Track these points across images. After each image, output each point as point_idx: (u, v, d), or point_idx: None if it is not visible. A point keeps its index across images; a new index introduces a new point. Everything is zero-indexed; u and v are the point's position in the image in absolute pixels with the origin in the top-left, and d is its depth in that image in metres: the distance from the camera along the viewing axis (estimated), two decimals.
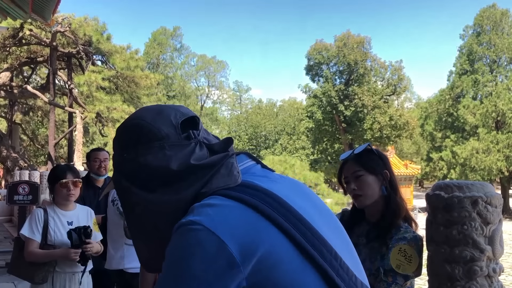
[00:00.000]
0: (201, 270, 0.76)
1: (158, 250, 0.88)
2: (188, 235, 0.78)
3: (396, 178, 1.82)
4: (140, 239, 0.94)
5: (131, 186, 0.90)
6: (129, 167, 0.91)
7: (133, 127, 0.94)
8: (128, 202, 0.93)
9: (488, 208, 1.56)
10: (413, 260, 1.61)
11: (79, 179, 2.96)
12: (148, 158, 0.89)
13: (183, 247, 0.78)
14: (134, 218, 0.93)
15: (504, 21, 32.16)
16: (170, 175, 0.88)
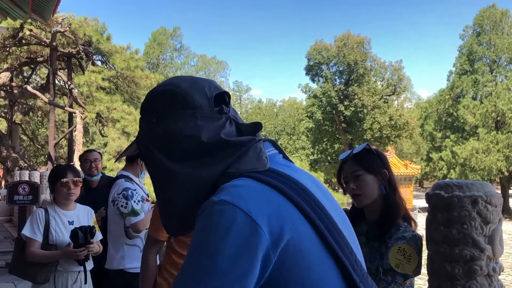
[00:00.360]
0: (234, 250, 0.75)
1: (172, 211, 0.91)
2: (222, 214, 0.77)
3: (395, 178, 1.82)
4: (162, 198, 0.94)
5: (156, 151, 0.91)
6: (158, 133, 0.91)
7: (167, 93, 0.93)
8: (151, 165, 0.94)
9: (488, 207, 1.56)
10: (412, 259, 1.61)
11: (79, 178, 2.97)
12: (179, 125, 0.89)
13: (217, 226, 0.77)
14: (156, 180, 0.94)
15: (504, 21, 32.17)
16: (199, 147, 0.88)
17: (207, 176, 0.88)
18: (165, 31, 47.60)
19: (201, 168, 0.88)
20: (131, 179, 3.22)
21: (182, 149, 0.89)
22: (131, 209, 3.02)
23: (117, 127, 17.84)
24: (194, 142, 0.88)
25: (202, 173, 0.88)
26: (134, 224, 3.02)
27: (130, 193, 3.07)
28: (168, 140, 0.90)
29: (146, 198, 3.24)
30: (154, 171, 0.93)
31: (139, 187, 3.21)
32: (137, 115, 17.94)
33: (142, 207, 3.10)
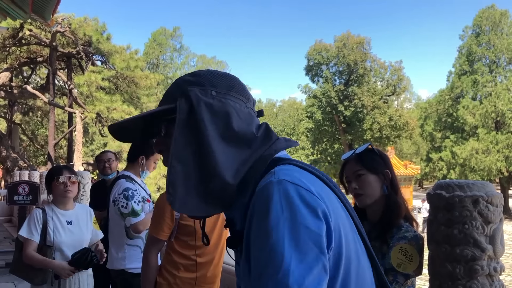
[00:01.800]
0: (310, 226, 0.78)
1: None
2: (288, 191, 0.80)
3: (397, 178, 1.83)
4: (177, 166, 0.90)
5: (205, 119, 0.90)
6: (214, 104, 0.92)
7: (230, 76, 0.99)
8: (187, 130, 0.91)
9: (489, 207, 1.56)
10: (413, 259, 1.61)
11: (75, 176, 2.96)
12: (236, 107, 0.95)
13: (288, 202, 0.79)
14: (183, 148, 0.90)
15: (503, 22, 32.20)
16: (244, 133, 0.93)
17: (241, 163, 0.91)
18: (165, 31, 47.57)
19: (237, 154, 0.91)
20: (132, 179, 3.22)
21: (232, 130, 0.92)
22: (131, 209, 3.02)
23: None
24: (241, 129, 0.93)
25: (237, 159, 0.91)
26: (134, 225, 3.02)
27: (131, 194, 3.07)
28: (223, 115, 0.92)
29: (147, 198, 3.24)
30: (187, 137, 0.90)
31: (140, 187, 3.21)
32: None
33: (142, 208, 3.10)
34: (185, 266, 2.35)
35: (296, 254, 0.75)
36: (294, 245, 0.76)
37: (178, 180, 0.88)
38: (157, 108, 0.96)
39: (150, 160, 3.30)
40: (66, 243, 2.85)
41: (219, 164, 0.88)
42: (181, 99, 0.93)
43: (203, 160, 0.89)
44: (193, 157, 0.89)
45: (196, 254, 2.36)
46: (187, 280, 2.35)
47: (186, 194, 0.88)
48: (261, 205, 0.81)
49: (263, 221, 0.79)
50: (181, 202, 0.88)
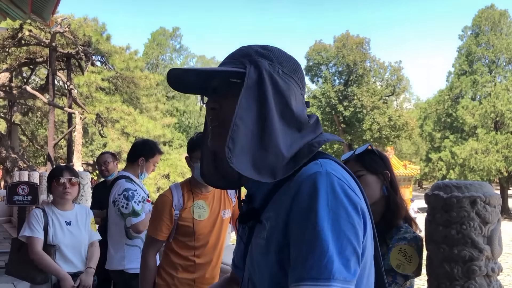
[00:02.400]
0: (355, 215, 0.85)
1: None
2: (335, 186, 0.86)
3: (396, 179, 1.83)
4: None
5: (269, 91, 0.93)
6: (279, 81, 0.95)
7: (295, 60, 1.02)
8: (255, 95, 0.93)
9: (487, 208, 1.57)
10: (413, 260, 1.61)
11: (76, 178, 2.96)
12: (295, 91, 0.98)
13: (334, 196, 0.84)
14: (244, 114, 0.92)
15: (502, 22, 32.23)
16: (298, 117, 0.96)
17: (291, 143, 0.94)
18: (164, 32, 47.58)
19: (290, 134, 0.94)
20: (132, 179, 3.22)
21: (290, 110, 0.95)
22: (131, 209, 3.02)
23: (116, 128, 17.83)
24: (297, 112, 0.96)
25: (289, 139, 0.94)
26: (134, 225, 3.02)
27: (131, 194, 3.07)
28: (287, 94, 0.95)
29: (147, 198, 3.25)
30: (251, 104, 0.92)
31: (139, 188, 3.22)
32: (137, 116, 17.96)
33: (142, 208, 3.11)
34: (184, 267, 2.35)
35: (337, 246, 0.81)
36: (336, 237, 0.82)
37: (239, 138, 0.90)
38: (227, 67, 0.97)
39: (150, 163, 3.31)
40: (65, 244, 2.85)
41: (277, 137, 0.92)
42: (251, 67, 0.94)
43: (263, 128, 0.91)
44: (254, 123, 0.92)
45: (195, 255, 2.36)
46: (186, 281, 2.35)
47: (242, 152, 0.90)
48: (309, 193, 0.85)
49: (311, 210, 0.84)
50: (238, 158, 0.89)
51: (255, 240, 0.97)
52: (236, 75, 0.95)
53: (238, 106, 0.91)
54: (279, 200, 0.93)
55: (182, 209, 2.34)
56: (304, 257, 0.82)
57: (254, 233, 0.98)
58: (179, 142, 34.90)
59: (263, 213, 0.96)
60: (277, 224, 0.90)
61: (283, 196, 0.91)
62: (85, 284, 2.82)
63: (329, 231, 0.81)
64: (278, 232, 0.89)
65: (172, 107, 38.27)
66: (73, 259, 2.88)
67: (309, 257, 0.81)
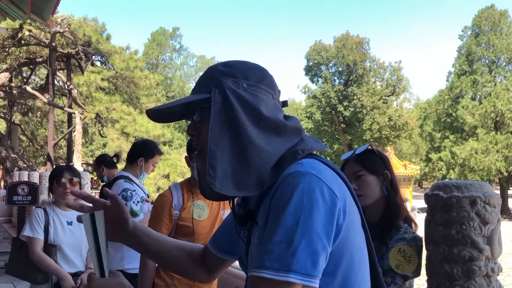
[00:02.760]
0: (326, 215, 0.87)
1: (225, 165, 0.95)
2: (311, 184, 0.88)
3: (396, 179, 1.83)
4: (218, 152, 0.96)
5: (238, 110, 0.96)
6: (245, 96, 0.98)
7: (260, 68, 1.05)
8: (223, 119, 0.97)
9: (487, 208, 1.56)
10: (412, 260, 1.61)
11: (76, 178, 2.96)
12: (265, 99, 1.01)
13: (310, 194, 0.87)
14: (219, 135, 0.96)
15: (502, 22, 32.22)
16: (274, 124, 0.99)
17: (273, 150, 0.97)
18: (164, 32, 47.58)
19: (270, 142, 0.97)
20: (131, 179, 3.22)
21: (264, 120, 0.98)
22: (130, 210, 3.02)
23: (116, 128, 17.84)
24: (271, 119, 0.99)
25: (270, 147, 0.97)
26: None
27: (130, 194, 3.07)
28: (256, 106, 0.98)
29: (146, 198, 3.24)
30: (223, 126, 0.96)
31: (138, 188, 3.22)
32: (136, 116, 17.96)
33: (141, 208, 3.10)
34: None
35: (305, 241, 0.84)
36: (306, 232, 0.84)
37: (217, 163, 0.94)
38: (193, 97, 1.01)
39: (149, 163, 3.31)
40: (66, 243, 2.86)
41: (259, 151, 0.95)
42: (215, 90, 0.98)
43: (241, 146, 0.95)
44: (230, 144, 0.95)
45: None
46: (185, 281, 2.35)
47: (224, 176, 0.94)
48: (285, 190, 0.89)
49: (285, 205, 0.87)
50: (221, 182, 0.93)
51: (253, 240, 1.00)
52: (206, 101, 0.98)
53: (210, 132, 0.95)
54: (267, 199, 0.96)
55: (182, 209, 2.34)
56: (270, 246, 0.85)
57: (252, 234, 1.01)
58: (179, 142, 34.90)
59: (258, 214, 0.99)
60: (264, 222, 0.93)
61: (269, 196, 0.95)
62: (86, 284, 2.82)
63: (300, 227, 0.84)
64: (263, 229, 0.92)
65: None
66: (73, 259, 2.89)
67: (275, 247, 0.85)
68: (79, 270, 2.89)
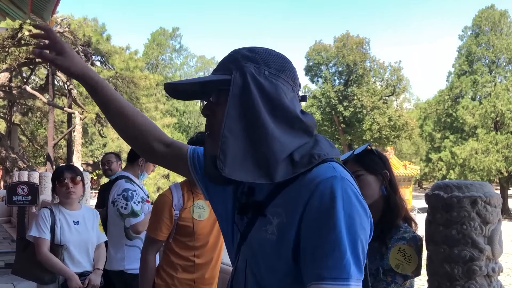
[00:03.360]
0: (362, 224, 0.91)
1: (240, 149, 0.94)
2: (348, 191, 0.91)
3: (396, 179, 1.83)
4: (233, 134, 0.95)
5: (257, 97, 0.95)
6: (265, 84, 0.97)
7: (283, 58, 1.03)
8: (240, 102, 0.95)
9: (487, 208, 1.56)
10: (412, 260, 1.61)
11: (79, 176, 2.96)
12: (285, 90, 0.99)
13: (349, 201, 0.90)
14: (234, 119, 0.95)
15: (502, 22, 32.22)
16: (291, 117, 0.98)
17: (285, 143, 0.96)
18: (164, 32, 47.59)
19: (283, 134, 0.96)
20: (131, 179, 3.22)
21: (281, 110, 0.97)
22: (130, 210, 3.02)
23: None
24: (288, 110, 0.98)
25: (283, 139, 0.96)
26: (133, 225, 3.01)
27: (130, 194, 3.07)
28: (274, 95, 0.97)
29: (146, 199, 3.24)
30: (239, 111, 0.95)
31: (139, 188, 3.21)
32: None
33: (142, 208, 3.10)
34: (184, 267, 2.35)
35: (353, 248, 0.88)
36: (352, 239, 0.88)
37: (229, 149, 0.93)
38: (213, 77, 1.00)
39: (149, 163, 3.31)
40: (73, 243, 2.86)
41: (271, 140, 0.94)
42: (236, 73, 0.97)
43: (255, 134, 0.94)
44: (244, 130, 0.95)
45: (195, 255, 2.35)
46: (186, 281, 2.34)
47: (234, 162, 0.94)
48: (327, 196, 0.89)
49: (329, 212, 0.88)
50: (230, 168, 0.93)
51: (259, 233, 0.99)
52: (225, 82, 0.97)
53: (226, 116, 0.94)
54: (289, 198, 0.96)
55: (182, 209, 2.34)
56: (325, 257, 0.87)
57: (256, 226, 1.01)
58: None
59: (267, 207, 0.99)
60: (289, 222, 0.94)
61: (293, 196, 0.94)
62: (94, 284, 2.83)
63: (346, 234, 0.87)
64: (291, 230, 0.93)
65: (172, 107, 38.26)
66: (80, 259, 2.88)
67: (330, 257, 0.87)
68: (86, 270, 2.89)
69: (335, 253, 0.86)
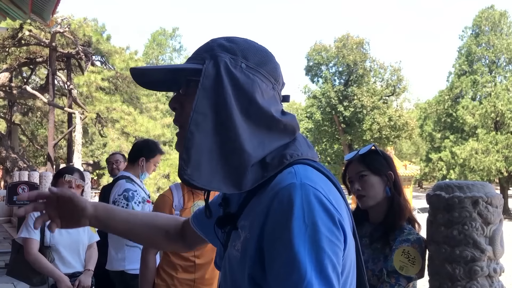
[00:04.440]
0: (329, 237, 0.77)
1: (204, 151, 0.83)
2: (310, 198, 0.78)
3: (400, 179, 1.83)
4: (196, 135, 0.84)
5: (228, 90, 0.85)
6: (241, 78, 0.87)
7: (265, 51, 0.94)
8: (210, 95, 0.86)
9: (489, 208, 1.56)
10: (416, 262, 1.60)
11: (83, 182, 2.96)
12: (262, 86, 0.89)
13: (310, 211, 0.77)
14: (202, 114, 0.85)
15: (502, 22, 32.21)
16: (266, 117, 0.88)
17: (257, 147, 0.86)
18: (164, 32, 47.60)
19: (256, 136, 0.86)
20: (132, 180, 3.21)
21: (255, 108, 0.87)
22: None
23: (116, 128, 17.82)
24: (264, 109, 0.88)
25: (254, 142, 0.86)
26: None
27: (131, 194, 3.06)
28: (249, 91, 0.87)
29: (147, 199, 3.24)
30: (209, 104, 0.85)
31: (140, 188, 3.21)
32: (137, 116, 17.96)
33: (143, 209, 3.10)
34: (184, 267, 2.34)
35: (316, 266, 0.74)
36: (315, 256, 0.75)
37: (194, 148, 0.83)
38: (183, 65, 0.91)
39: (150, 163, 3.30)
40: (62, 244, 2.84)
41: (241, 141, 0.84)
42: (209, 63, 0.87)
43: (223, 132, 0.84)
44: (212, 127, 0.84)
45: (195, 255, 2.35)
46: (185, 281, 2.34)
47: (199, 164, 0.83)
48: (283, 209, 0.78)
49: (285, 228, 0.76)
50: (193, 170, 0.82)
51: (230, 249, 0.91)
52: (197, 73, 0.87)
53: (193, 110, 0.84)
54: (253, 210, 0.86)
55: (182, 209, 2.33)
56: (282, 282, 0.75)
57: (230, 240, 0.93)
58: None
59: (239, 220, 0.90)
60: (251, 237, 0.83)
61: (257, 207, 0.84)
62: (84, 285, 2.81)
63: (306, 251, 0.74)
64: (252, 246, 0.82)
65: None
66: (71, 260, 2.87)
67: (287, 282, 0.74)
68: (76, 271, 2.88)
69: (293, 276, 0.74)
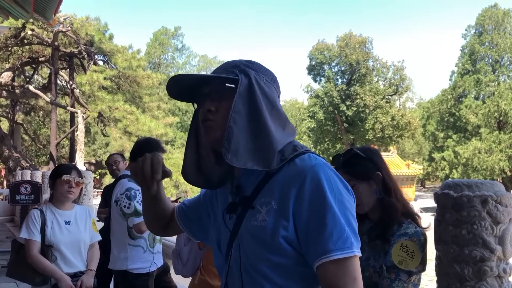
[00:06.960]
0: (350, 200, 1.08)
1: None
2: (332, 173, 1.08)
3: (390, 176, 1.75)
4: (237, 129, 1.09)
5: (259, 97, 1.12)
6: (265, 89, 1.15)
7: (273, 73, 1.22)
8: (246, 98, 1.11)
9: (498, 207, 1.54)
10: (415, 255, 1.57)
11: (82, 179, 2.94)
12: (274, 96, 1.18)
13: (335, 182, 1.06)
14: (238, 115, 1.09)
15: (506, 21, 32.14)
16: (280, 119, 1.15)
17: (279, 138, 1.11)
18: (166, 31, 47.66)
19: (277, 131, 1.12)
20: None
21: (276, 111, 1.14)
22: (134, 209, 3.00)
23: (118, 127, 17.84)
24: (281, 113, 1.16)
25: (278, 135, 1.11)
26: (136, 225, 2.99)
27: (133, 193, 3.05)
28: (272, 98, 1.15)
29: None
30: (243, 106, 1.10)
31: None
32: (139, 115, 17.97)
33: None
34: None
35: (347, 222, 1.04)
36: (344, 215, 1.04)
37: (233, 138, 1.07)
38: (222, 74, 1.14)
39: None
40: (64, 243, 2.82)
41: (270, 133, 1.09)
42: (241, 75, 1.12)
43: (256, 128, 1.09)
44: (248, 124, 1.09)
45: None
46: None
47: (237, 150, 1.07)
48: (315, 182, 1.04)
49: (321, 196, 1.03)
50: (233, 155, 1.06)
51: (250, 223, 1.10)
52: (231, 81, 1.11)
53: (232, 110, 1.08)
54: (278, 187, 1.08)
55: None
56: (329, 234, 1.01)
57: (246, 219, 1.11)
58: (181, 141, 34.90)
59: (255, 200, 1.10)
60: (280, 208, 1.06)
61: (283, 184, 1.07)
62: (87, 285, 2.80)
63: (339, 211, 1.03)
64: (283, 215, 1.05)
65: (174, 106, 38.27)
66: (73, 259, 2.85)
67: (333, 233, 1.01)
68: (79, 270, 2.86)
69: (336, 228, 1.01)
